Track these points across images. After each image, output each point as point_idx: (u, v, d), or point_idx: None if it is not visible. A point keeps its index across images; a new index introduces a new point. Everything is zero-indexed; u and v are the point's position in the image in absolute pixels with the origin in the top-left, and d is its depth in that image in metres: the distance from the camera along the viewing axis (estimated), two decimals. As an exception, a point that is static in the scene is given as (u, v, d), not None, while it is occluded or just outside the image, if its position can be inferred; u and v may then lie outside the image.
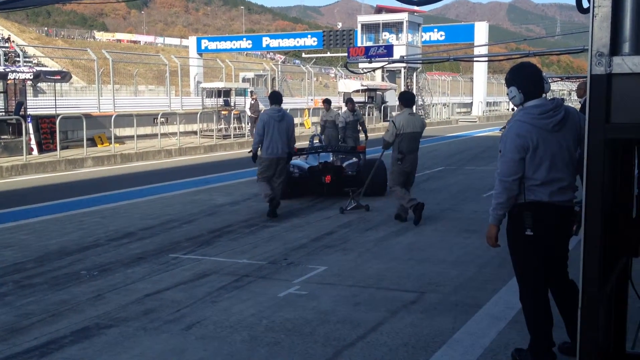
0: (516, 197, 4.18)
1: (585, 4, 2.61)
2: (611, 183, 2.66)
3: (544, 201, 4.12)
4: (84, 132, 19.04)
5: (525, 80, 4.19)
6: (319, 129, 17.29)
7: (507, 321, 5.17)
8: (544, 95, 4.29)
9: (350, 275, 6.66)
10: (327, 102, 17.21)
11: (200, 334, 5.03)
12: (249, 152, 10.36)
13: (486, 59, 23.84)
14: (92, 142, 21.08)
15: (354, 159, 12.07)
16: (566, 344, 4.44)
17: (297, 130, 26.28)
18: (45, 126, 19.65)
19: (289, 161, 10.45)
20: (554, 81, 59.94)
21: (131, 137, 21.45)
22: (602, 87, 2.23)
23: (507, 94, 4.31)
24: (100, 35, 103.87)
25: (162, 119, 23.15)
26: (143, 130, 23.04)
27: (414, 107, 9.70)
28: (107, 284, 6.46)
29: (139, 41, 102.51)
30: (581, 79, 20.29)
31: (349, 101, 16.02)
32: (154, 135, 22.60)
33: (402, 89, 41.79)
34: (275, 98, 10.41)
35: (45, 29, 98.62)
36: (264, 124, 9.92)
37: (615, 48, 2.26)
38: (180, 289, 6.25)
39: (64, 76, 20.59)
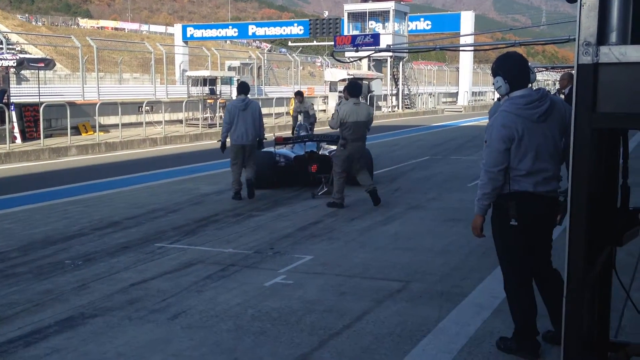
0: (501, 188, 4.19)
1: (572, -7, 2.60)
2: (596, 172, 2.66)
3: (529, 191, 4.14)
4: (68, 121, 18.89)
5: (510, 70, 4.19)
6: (300, 118, 17.33)
7: (492, 310, 5.20)
8: (530, 85, 4.29)
9: (336, 264, 6.67)
10: (299, 94, 17.43)
11: (186, 324, 5.02)
12: (218, 141, 10.53)
13: (472, 48, 23.87)
14: (77, 130, 20.92)
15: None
16: (550, 333, 4.47)
17: (284, 120, 26.30)
18: (28, 114, 19.47)
19: (260, 147, 10.80)
20: (539, 71, 60.12)
21: (116, 126, 21.31)
22: (589, 76, 2.23)
23: (493, 84, 4.31)
24: (85, 23, 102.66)
25: (147, 108, 23.00)
26: (128, 119, 22.90)
27: (361, 97, 9.98)
28: (92, 273, 6.42)
29: (124, 28, 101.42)
30: (566, 69, 20.39)
31: (346, 89, 15.89)
32: (139, 124, 22.47)
33: (389, 78, 41.87)
34: (241, 88, 10.74)
35: (27, 15, 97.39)
36: (229, 113, 10.31)
37: (602, 37, 2.26)
38: (166, 278, 6.23)
39: (48, 63, 20.39)
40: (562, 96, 10.55)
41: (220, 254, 7.12)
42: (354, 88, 9.77)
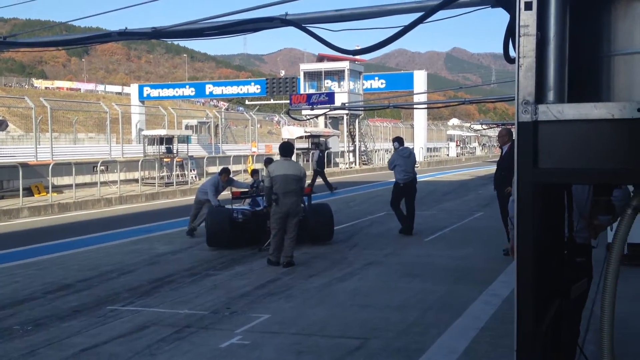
0: None
1: (512, 54, 2.73)
2: (542, 226, 2.73)
3: None
4: (20, 182, 18.53)
5: None
6: (263, 174, 16.91)
7: (450, 365, 5.19)
8: None
9: (293, 323, 6.60)
10: (255, 172, 15.17)
11: (138, 389, 4.86)
12: None
13: (425, 106, 24.46)
14: (29, 191, 20.51)
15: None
16: None
17: (242, 177, 26.30)
18: (-22, 176, 19.04)
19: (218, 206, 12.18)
20: (490, 127, 61.89)
21: (70, 186, 20.96)
22: (529, 133, 2.31)
23: None
24: (39, 83, 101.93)
25: (102, 167, 22.75)
26: (82, 179, 22.56)
27: (293, 156, 10.71)
28: (42, 339, 6.21)
29: (79, 89, 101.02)
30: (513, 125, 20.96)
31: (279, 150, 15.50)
32: (94, 184, 22.14)
33: (345, 135, 42.45)
34: (223, 170, 13.19)
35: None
36: None
37: (540, 96, 2.36)
38: (119, 342, 6.06)
39: (0, 124, 20.12)
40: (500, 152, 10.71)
41: (175, 315, 6.98)
42: (283, 148, 10.25)
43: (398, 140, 13.27)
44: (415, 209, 12.84)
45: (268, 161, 15.04)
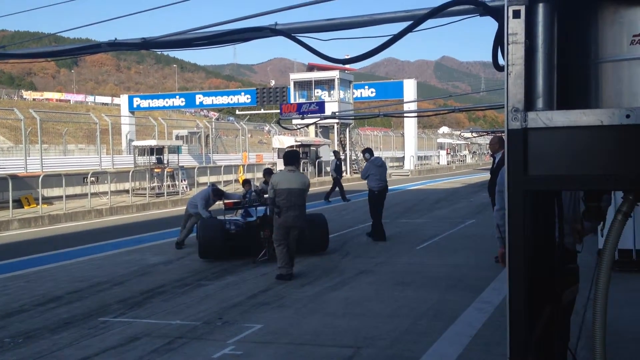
0: None
1: (501, 62, 2.75)
2: (534, 232, 2.74)
3: None
4: (10, 194, 18.42)
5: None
6: (257, 184, 16.94)
7: (443, 373, 5.18)
8: None
9: (286, 332, 6.58)
10: (247, 182, 15.82)
11: (130, 401, 4.83)
12: None
13: (415, 114, 24.53)
14: (19, 203, 20.38)
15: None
16: None
17: (232, 187, 26.25)
18: (-32, 188, 18.91)
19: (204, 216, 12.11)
20: (481, 135, 62.22)
21: (60, 198, 20.86)
22: (519, 141, 2.33)
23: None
24: (28, 95, 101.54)
25: (92, 178, 22.65)
26: (72, 190, 22.45)
27: (299, 165, 10.30)
28: (32, 351, 6.17)
29: (69, 100, 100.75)
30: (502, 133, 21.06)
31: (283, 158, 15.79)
32: (84, 195, 22.05)
33: (336, 144, 42.53)
34: (215, 191, 12.76)
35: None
36: None
37: (529, 104, 2.38)
38: (110, 354, 6.02)
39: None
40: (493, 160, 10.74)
41: (167, 326, 6.94)
42: (287, 157, 9.88)
43: (368, 152, 14.14)
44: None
45: (267, 172, 14.90)
